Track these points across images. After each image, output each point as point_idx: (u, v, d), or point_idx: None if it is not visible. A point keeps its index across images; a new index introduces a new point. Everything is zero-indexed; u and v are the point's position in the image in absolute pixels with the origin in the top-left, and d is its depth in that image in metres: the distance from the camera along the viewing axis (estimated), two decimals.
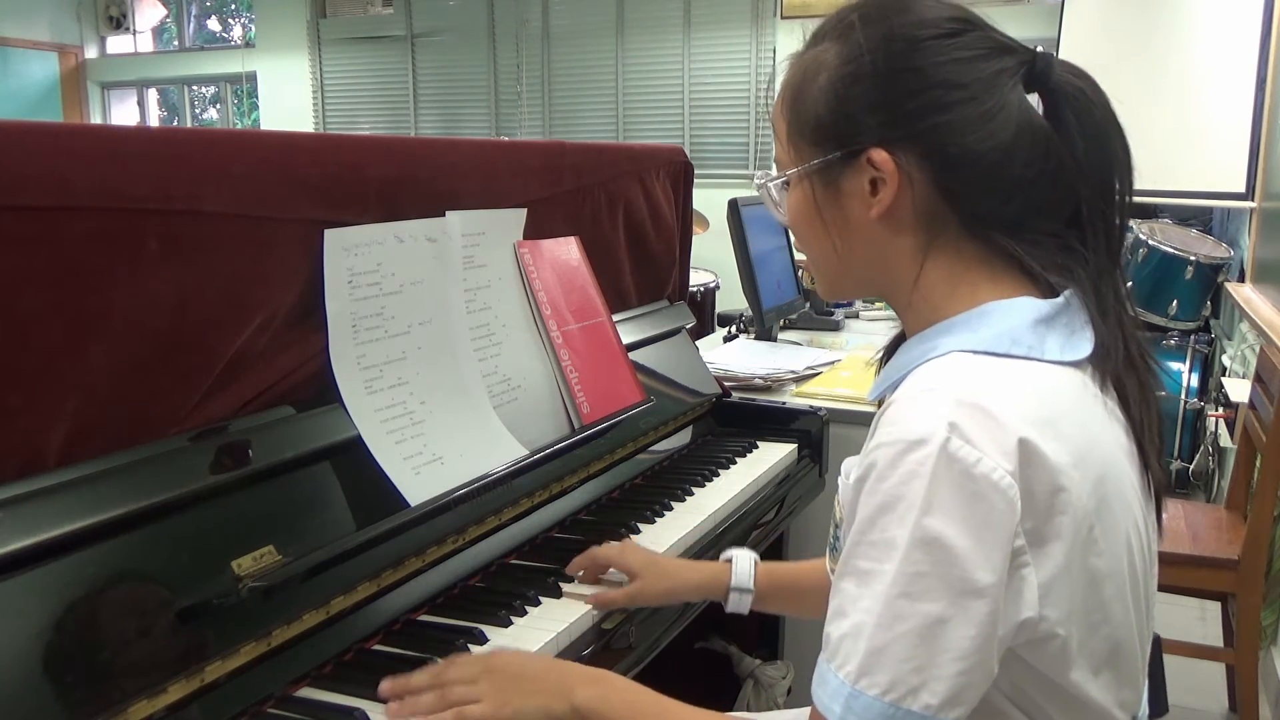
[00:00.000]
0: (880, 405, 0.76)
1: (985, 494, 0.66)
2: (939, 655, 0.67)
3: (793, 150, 0.83)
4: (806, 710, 0.74)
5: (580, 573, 1.21)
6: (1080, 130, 0.78)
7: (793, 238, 0.89)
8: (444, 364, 1.26)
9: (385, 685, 0.93)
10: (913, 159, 0.77)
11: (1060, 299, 0.77)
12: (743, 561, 1.19)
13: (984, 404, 0.69)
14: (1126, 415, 0.77)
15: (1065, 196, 0.78)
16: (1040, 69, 0.78)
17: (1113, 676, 0.75)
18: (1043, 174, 0.77)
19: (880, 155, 0.77)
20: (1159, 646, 0.94)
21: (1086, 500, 0.70)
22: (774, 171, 0.87)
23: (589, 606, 1.13)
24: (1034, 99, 0.79)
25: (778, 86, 0.85)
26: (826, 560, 0.95)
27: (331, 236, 1.13)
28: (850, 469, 0.78)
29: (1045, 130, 0.77)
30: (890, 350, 0.87)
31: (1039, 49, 0.79)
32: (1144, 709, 0.84)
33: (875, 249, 0.81)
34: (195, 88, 8.76)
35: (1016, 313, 0.75)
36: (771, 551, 1.73)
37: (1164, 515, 0.82)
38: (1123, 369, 0.76)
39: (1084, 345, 0.75)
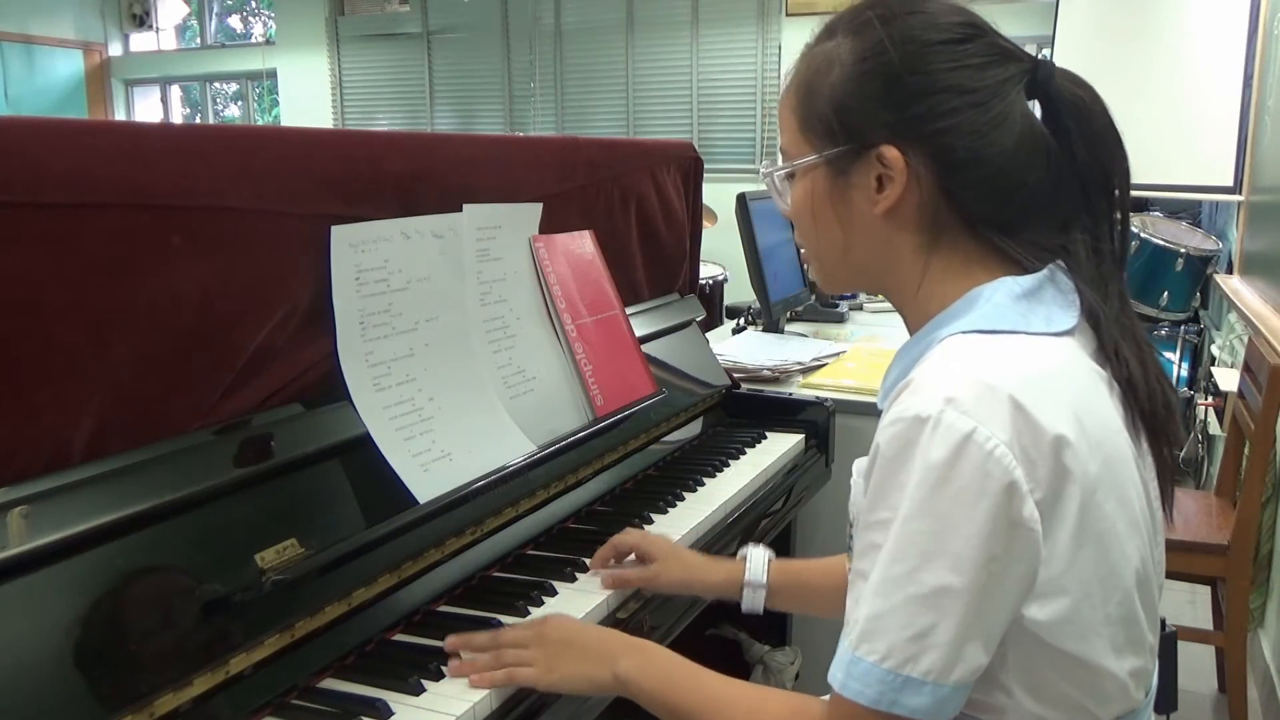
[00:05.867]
0: None
1: (979, 463, 0.67)
2: (937, 622, 0.68)
3: (801, 142, 0.83)
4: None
5: (603, 563, 1.22)
6: (1080, 137, 0.79)
7: (796, 228, 0.89)
8: (452, 360, 1.25)
9: (451, 640, 1.00)
10: (921, 158, 0.78)
11: (1043, 272, 0.78)
12: (757, 558, 1.19)
13: (977, 375, 0.70)
14: (1128, 384, 0.77)
15: (1065, 201, 0.79)
16: (1042, 77, 0.79)
17: (1129, 650, 0.76)
18: (1043, 180, 0.78)
19: (892, 153, 0.78)
20: (1174, 642, 0.93)
21: (1089, 461, 0.71)
22: (780, 162, 0.87)
23: (604, 596, 1.14)
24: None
25: (785, 78, 0.86)
26: (846, 560, 0.96)
27: (338, 233, 1.11)
28: (861, 468, 0.79)
29: (1046, 137, 0.79)
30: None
31: (1042, 56, 0.80)
32: (1153, 682, 0.83)
33: (877, 244, 0.82)
34: (217, 85, 8.82)
35: (1000, 291, 0.77)
36: (780, 540, 1.73)
37: (1172, 492, 0.83)
38: (1119, 336, 0.77)
39: (1069, 318, 0.77)
